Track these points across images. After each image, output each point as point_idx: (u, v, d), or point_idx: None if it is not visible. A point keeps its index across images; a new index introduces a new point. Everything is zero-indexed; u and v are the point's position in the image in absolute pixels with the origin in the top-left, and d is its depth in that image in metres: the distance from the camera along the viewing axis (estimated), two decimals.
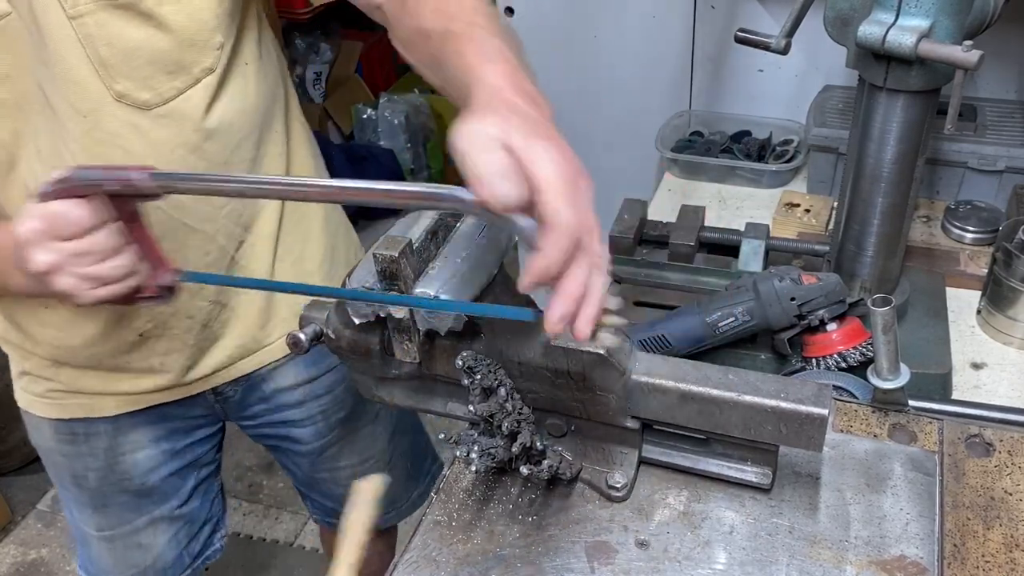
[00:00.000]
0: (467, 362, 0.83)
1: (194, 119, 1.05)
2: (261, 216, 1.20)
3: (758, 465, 0.91)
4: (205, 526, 1.44)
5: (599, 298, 0.67)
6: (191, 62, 1.02)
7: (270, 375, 1.32)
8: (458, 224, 0.90)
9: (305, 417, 1.38)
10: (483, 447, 0.86)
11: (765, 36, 1.21)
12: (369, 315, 0.85)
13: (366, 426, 1.46)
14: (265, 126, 1.15)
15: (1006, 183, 1.52)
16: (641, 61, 1.95)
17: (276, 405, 1.36)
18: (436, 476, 1.66)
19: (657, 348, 1.17)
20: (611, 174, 2.12)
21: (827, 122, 1.60)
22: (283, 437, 1.41)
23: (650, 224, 1.42)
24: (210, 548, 1.46)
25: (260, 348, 1.28)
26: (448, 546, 0.91)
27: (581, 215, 0.64)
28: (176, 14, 0.99)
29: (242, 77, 1.10)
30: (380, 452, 1.50)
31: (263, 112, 1.14)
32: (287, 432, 1.40)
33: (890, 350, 0.97)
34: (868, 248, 1.21)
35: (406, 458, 1.57)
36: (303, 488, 1.56)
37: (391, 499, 1.57)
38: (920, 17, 1.00)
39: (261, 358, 1.29)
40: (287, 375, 1.33)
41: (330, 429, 1.41)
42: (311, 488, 1.53)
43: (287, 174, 1.21)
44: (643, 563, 0.87)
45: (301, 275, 1.26)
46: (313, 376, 1.35)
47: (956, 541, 0.88)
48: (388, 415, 1.50)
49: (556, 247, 0.64)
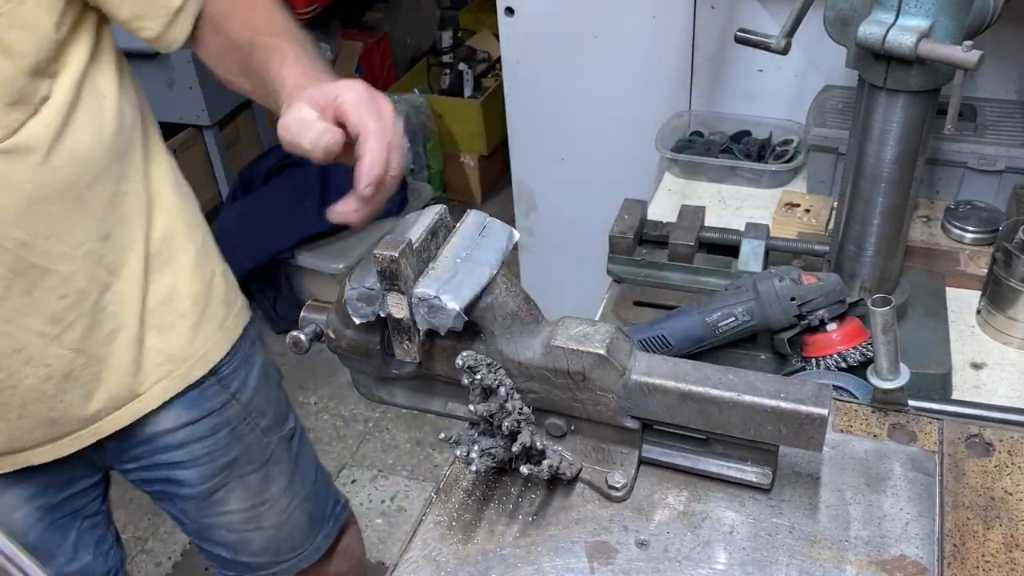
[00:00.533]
0: (467, 362, 0.83)
1: (40, 152, 1.01)
2: (128, 259, 1.15)
3: (758, 465, 0.91)
4: None
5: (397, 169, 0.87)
6: (32, 92, 0.98)
7: (148, 420, 1.26)
8: (458, 224, 0.90)
9: (188, 459, 1.32)
10: (483, 447, 0.86)
11: (765, 36, 1.21)
12: (369, 315, 0.85)
13: (257, 471, 1.40)
14: (126, 160, 1.12)
15: (1006, 183, 1.52)
16: (641, 61, 1.95)
17: (157, 447, 1.30)
18: (340, 518, 1.59)
19: (657, 348, 1.17)
20: (611, 174, 2.13)
21: (827, 122, 1.60)
22: (166, 480, 1.34)
23: (650, 224, 1.42)
24: None
25: (134, 398, 1.22)
26: (448, 546, 0.91)
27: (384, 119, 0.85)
28: (18, 41, 0.95)
29: (99, 108, 1.08)
30: (275, 497, 1.44)
31: (123, 146, 1.12)
32: (169, 474, 1.33)
33: (890, 350, 0.97)
34: (868, 248, 1.21)
35: (307, 502, 1.51)
36: (195, 538, 1.48)
37: (291, 546, 1.51)
38: (920, 17, 1.00)
39: (138, 408, 1.23)
40: (167, 419, 1.27)
41: (216, 471, 1.35)
42: (202, 538, 1.46)
43: (149, 211, 1.17)
44: (643, 563, 0.87)
45: (174, 316, 1.23)
46: (194, 418, 1.29)
47: (956, 541, 0.88)
48: (286, 457, 1.45)
49: (378, 146, 0.83)
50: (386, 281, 0.81)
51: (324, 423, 2.80)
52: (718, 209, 1.68)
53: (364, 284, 0.83)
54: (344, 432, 2.76)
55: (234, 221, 2.99)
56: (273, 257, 2.95)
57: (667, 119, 1.88)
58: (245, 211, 3.01)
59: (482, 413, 0.84)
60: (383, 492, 2.54)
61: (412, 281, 0.81)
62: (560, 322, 0.88)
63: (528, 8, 1.99)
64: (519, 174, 2.26)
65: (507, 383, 0.85)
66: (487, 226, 0.89)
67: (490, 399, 0.85)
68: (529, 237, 2.35)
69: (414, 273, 0.81)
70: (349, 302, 0.85)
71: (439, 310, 0.81)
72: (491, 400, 0.84)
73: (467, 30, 4.10)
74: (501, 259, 0.86)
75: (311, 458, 1.54)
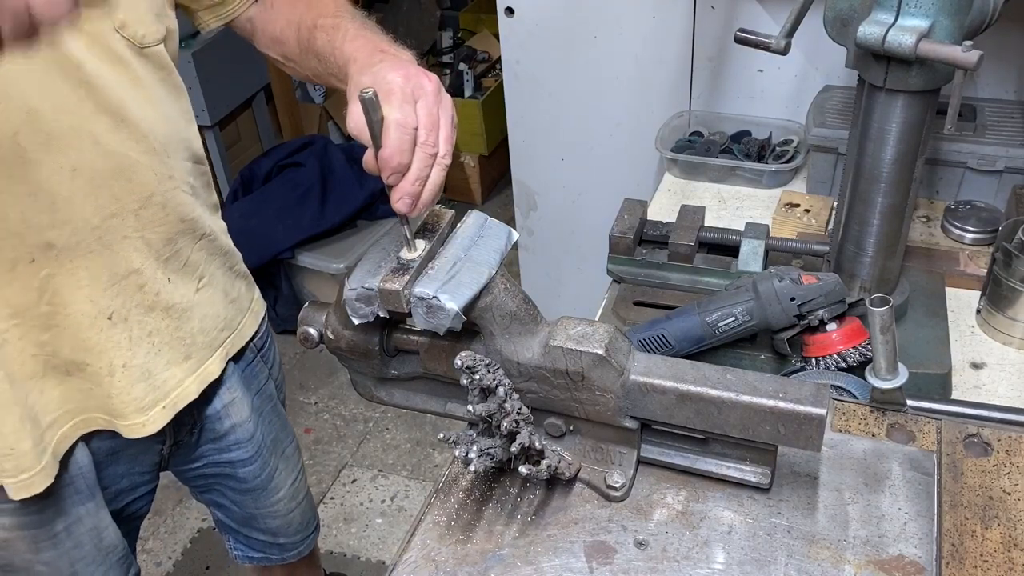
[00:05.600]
0: (466, 362, 0.83)
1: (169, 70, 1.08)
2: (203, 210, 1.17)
3: (757, 465, 0.92)
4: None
5: (436, 185, 0.85)
6: (167, 13, 1.06)
7: (213, 406, 1.26)
8: (458, 224, 0.90)
9: (249, 456, 1.34)
10: (482, 447, 0.86)
11: (765, 36, 1.21)
12: (368, 315, 0.85)
13: (291, 442, 1.46)
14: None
15: (1005, 183, 1.52)
16: (641, 61, 1.95)
17: (226, 443, 1.31)
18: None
19: (657, 348, 1.17)
20: (611, 174, 2.13)
21: (827, 122, 1.60)
22: (228, 476, 1.36)
23: (650, 224, 1.42)
24: None
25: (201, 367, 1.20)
26: (447, 546, 0.91)
27: (408, 115, 0.83)
28: None
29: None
30: (301, 468, 1.50)
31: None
32: (232, 472, 1.35)
33: (888, 350, 0.97)
34: (868, 248, 1.21)
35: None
36: (236, 526, 1.48)
37: (312, 516, 1.56)
38: (920, 17, 1.00)
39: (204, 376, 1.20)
40: (231, 406, 1.28)
41: (268, 455, 1.38)
42: (245, 525, 1.47)
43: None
44: (642, 563, 0.87)
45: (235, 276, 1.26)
46: (250, 400, 1.32)
47: (954, 541, 0.88)
48: (293, 428, 1.49)
49: (396, 136, 0.82)
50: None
51: (324, 423, 2.80)
52: (718, 209, 1.68)
53: (363, 285, 0.83)
54: (344, 432, 2.76)
55: (234, 221, 2.95)
56: (273, 257, 2.95)
57: (667, 119, 1.88)
58: (245, 211, 3.01)
59: (481, 413, 0.84)
60: (383, 492, 2.54)
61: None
62: (559, 322, 0.88)
63: (528, 8, 1.99)
64: (519, 174, 2.26)
65: (506, 383, 0.86)
66: (486, 226, 0.89)
67: (489, 399, 0.85)
68: (529, 237, 2.35)
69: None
70: (348, 303, 0.85)
71: (438, 310, 0.81)
72: (490, 400, 0.85)
73: (467, 30, 4.10)
74: (500, 259, 0.86)
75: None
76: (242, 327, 1.28)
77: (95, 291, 1.04)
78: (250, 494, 1.40)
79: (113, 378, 1.09)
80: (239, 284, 1.28)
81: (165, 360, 1.14)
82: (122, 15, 0.99)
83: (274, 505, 1.44)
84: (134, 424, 1.13)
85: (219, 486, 1.39)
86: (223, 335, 1.23)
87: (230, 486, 1.38)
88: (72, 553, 1.16)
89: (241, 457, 1.34)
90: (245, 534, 1.49)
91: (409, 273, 0.83)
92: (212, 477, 1.37)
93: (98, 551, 1.19)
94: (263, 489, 1.40)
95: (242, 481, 1.37)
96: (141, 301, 1.09)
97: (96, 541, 1.18)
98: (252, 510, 1.43)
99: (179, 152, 1.10)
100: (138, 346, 1.10)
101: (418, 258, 0.84)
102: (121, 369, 1.09)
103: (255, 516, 1.45)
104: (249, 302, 1.31)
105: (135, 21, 1.00)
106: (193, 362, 1.18)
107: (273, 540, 1.50)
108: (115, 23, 0.98)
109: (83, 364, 1.07)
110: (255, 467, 1.36)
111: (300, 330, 0.94)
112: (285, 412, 1.48)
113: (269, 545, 1.51)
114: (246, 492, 1.40)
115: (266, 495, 1.42)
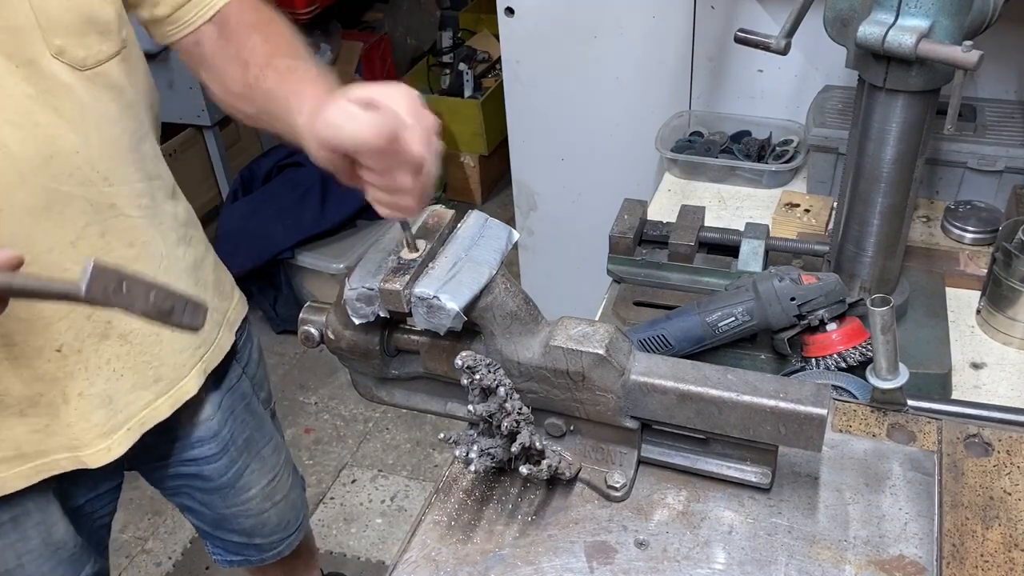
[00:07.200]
0: (467, 362, 0.83)
1: (120, 89, 1.04)
2: (166, 225, 1.15)
3: (757, 465, 0.91)
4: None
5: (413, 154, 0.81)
6: (116, 29, 1.02)
7: (184, 409, 1.23)
8: (459, 224, 0.90)
9: (215, 452, 1.33)
10: (482, 447, 0.86)
11: (765, 36, 1.21)
12: (368, 315, 0.85)
13: (268, 443, 1.43)
14: (152, 136, 1.15)
15: (1006, 183, 1.52)
16: (641, 61, 1.95)
17: (190, 441, 1.30)
18: (304, 483, 1.62)
19: (657, 348, 1.17)
20: (611, 174, 2.13)
21: (827, 122, 1.60)
22: (194, 475, 1.35)
23: (650, 224, 1.42)
24: None
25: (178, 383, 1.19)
26: (447, 546, 0.91)
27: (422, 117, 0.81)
28: None
29: (143, 75, 1.12)
30: (281, 467, 1.48)
31: (154, 119, 1.15)
32: (198, 470, 1.34)
33: (889, 350, 0.97)
34: (868, 248, 1.21)
35: (294, 470, 1.55)
36: (208, 528, 1.47)
37: (294, 517, 1.55)
38: (920, 17, 1.00)
39: (178, 396, 1.20)
40: (204, 407, 1.27)
41: (239, 454, 1.37)
42: (218, 527, 1.46)
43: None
44: (642, 563, 0.87)
45: (203, 286, 1.24)
46: (221, 398, 1.30)
47: (955, 541, 0.88)
48: (277, 427, 1.48)
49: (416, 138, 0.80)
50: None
51: (324, 423, 2.80)
52: (718, 209, 1.68)
53: (364, 284, 0.83)
54: (344, 432, 2.76)
55: (234, 221, 2.98)
56: (273, 257, 2.95)
57: (667, 119, 1.88)
58: (245, 211, 3.01)
59: (481, 413, 0.84)
60: (383, 492, 2.54)
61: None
62: (559, 322, 0.88)
63: (528, 8, 1.99)
64: (519, 174, 2.26)
65: (506, 383, 0.86)
66: (487, 226, 0.89)
67: (489, 399, 0.85)
68: (529, 237, 2.35)
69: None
70: (349, 302, 0.85)
71: (438, 310, 0.81)
72: (490, 400, 0.85)
73: (467, 30, 4.10)
74: (501, 259, 0.86)
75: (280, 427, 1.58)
76: (219, 340, 1.27)
77: (39, 326, 1.02)
78: (217, 493, 1.39)
79: (68, 406, 1.08)
80: (210, 297, 1.25)
81: (129, 384, 1.13)
82: (59, 41, 0.96)
83: (244, 504, 1.42)
84: (98, 451, 1.13)
85: (187, 487, 1.38)
86: (199, 352, 1.22)
87: (197, 486, 1.37)
88: (18, 546, 1.15)
89: (205, 454, 1.32)
90: (221, 537, 1.49)
91: (410, 273, 0.83)
92: (180, 477, 1.36)
93: (46, 546, 1.18)
94: (231, 487, 1.39)
95: (208, 479, 1.36)
96: (92, 331, 1.07)
97: (44, 536, 1.17)
98: (222, 510, 1.42)
99: (127, 175, 1.07)
100: (96, 375, 1.09)
101: (418, 258, 0.84)
102: (77, 397, 1.08)
103: (226, 517, 1.43)
104: (224, 313, 1.30)
105: (74, 45, 0.98)
106: (164, 383, 1.18)
107: (249, 541, 1.49)
108: (52, 50, 0.96)
109: (36, 396, 1.06)
110: (220, 464, 1.35)
111: (301, 330, 0.94)
112: (267, 413, 1.46)
113: (246, 546, 1.50)
114: (213, 491, 1.38)
115: (234, 493, 1.40)
